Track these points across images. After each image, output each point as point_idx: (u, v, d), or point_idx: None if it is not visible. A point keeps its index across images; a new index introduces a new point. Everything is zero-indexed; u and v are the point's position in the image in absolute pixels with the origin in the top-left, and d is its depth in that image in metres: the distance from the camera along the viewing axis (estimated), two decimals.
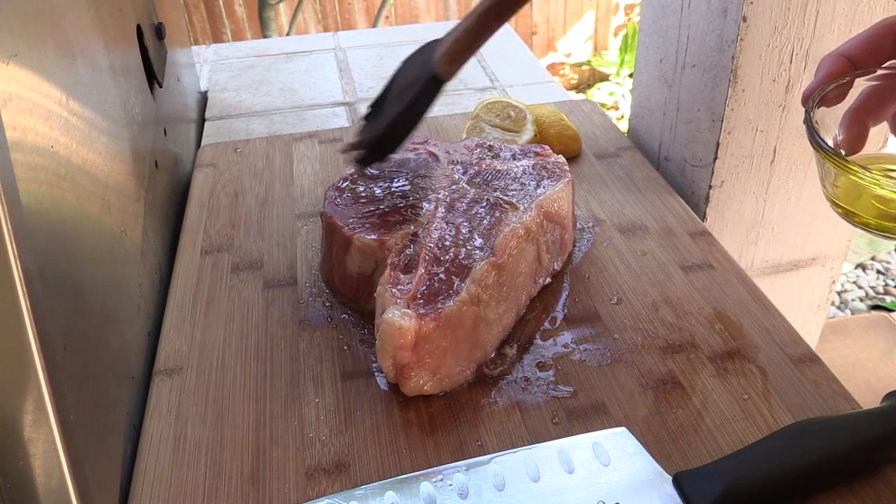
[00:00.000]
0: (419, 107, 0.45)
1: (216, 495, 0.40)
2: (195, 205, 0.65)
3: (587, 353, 0.48)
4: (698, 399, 0.44)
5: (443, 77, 0.43)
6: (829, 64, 0.38)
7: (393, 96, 0.48)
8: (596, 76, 2.85)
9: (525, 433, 0.43)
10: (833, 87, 0.37)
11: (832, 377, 0.45)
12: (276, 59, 1.01)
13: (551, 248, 0.53)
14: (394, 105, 0.47)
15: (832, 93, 0.38)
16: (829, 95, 0.38)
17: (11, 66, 0.33)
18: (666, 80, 0.68)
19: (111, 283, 0.45)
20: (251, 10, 2.46)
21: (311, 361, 0.48)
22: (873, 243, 1.90)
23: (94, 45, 0.47)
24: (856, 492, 0.38)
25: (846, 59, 0.38)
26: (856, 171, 0.34)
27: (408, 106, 0.45)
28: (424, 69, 0.44)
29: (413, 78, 0.46)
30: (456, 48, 0.42)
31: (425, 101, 0.45)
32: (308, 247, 0.59)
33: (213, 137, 0.82)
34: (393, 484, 0.39)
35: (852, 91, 0.38)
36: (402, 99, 0.46)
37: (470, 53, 0.43)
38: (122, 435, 0.42)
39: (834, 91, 0.38)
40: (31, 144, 0.34)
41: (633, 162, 0.69)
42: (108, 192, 0.46)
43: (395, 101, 0.47)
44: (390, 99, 0.48)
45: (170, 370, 0.48)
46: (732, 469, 0.37)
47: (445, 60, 0.43)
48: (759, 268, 0.71)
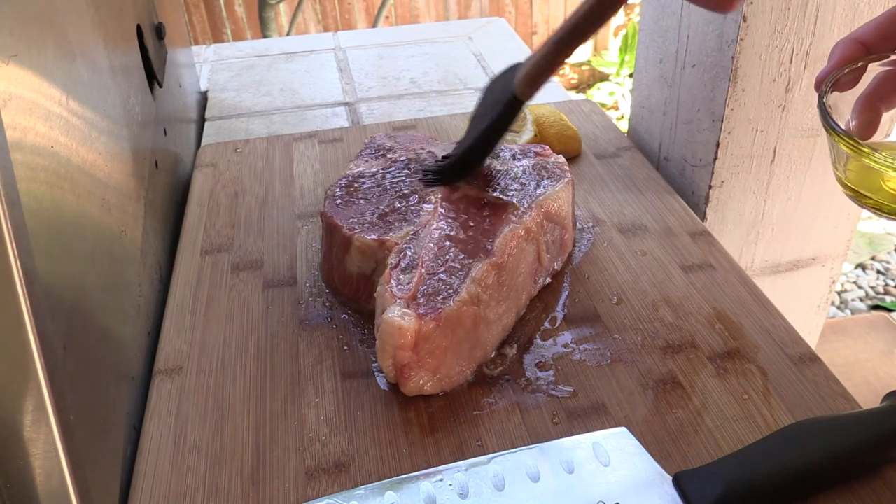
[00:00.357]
0: (501, 125, 0.50)
1: (216, 495, 0.40)
2: (195, 205, 0.65)
3: (587, 353, 0.48)
4: (698, 399, 0.44)
5: (522, 98, 0.48)
6: (843, 48, 0.38)
7: (478, 116, 0.53)
8: (596, 76, 2.85)
9: (525, 433, 0.43)
10: (847, 71, 0.37)
11: (832, 377, 0.45)
12: (276, 59, 1.01)
13: (551, 248, 0.53)
14: (479, 124, 0.52)
15: (845, 77, 0.38)
16: (842, 80, 0.38)
17: (11, 66, 0.33)
18: (666, 80, 0.68)
19: (111, 283, 0.45)
20: (251, 10, 2.46)
21: (311, 361, 0.48)
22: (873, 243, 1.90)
23: (94, 45, 0.47)
24: (856, 492, 0.38)
25: (860, 44, 0.38)
26: (869, 153, 0.34)
27: (491, 125, 0.50)
28: (505, 91, 0.49)
29: (495, 100, 0.51)
30: (534, 72, 0.47)
31: (506, 121, 0.50)
32: (308, 247, 0.59)
33: (213, 137, 0.82)
34: (393, 484, 0.39)
35: (865, 76, 0.38)
36: (485, 119, 0.51)
37: (546, 77, 0.47)
38: (122, 435, 0.42)
39: (847, 76, 0.38)
40: (31, 144, 0.34)
41: (633, 162, 0.69)
42: (108, 192, 0.46)
43: (479, 120, 0.52)
44: (476, 118, 0.53)
45: (170, 370, 0.48)
46: (732, 469, 0.37)
47: (525, 83, 0.48)
48: (759, 268, 0.71)
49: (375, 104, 0.88)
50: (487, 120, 0.51)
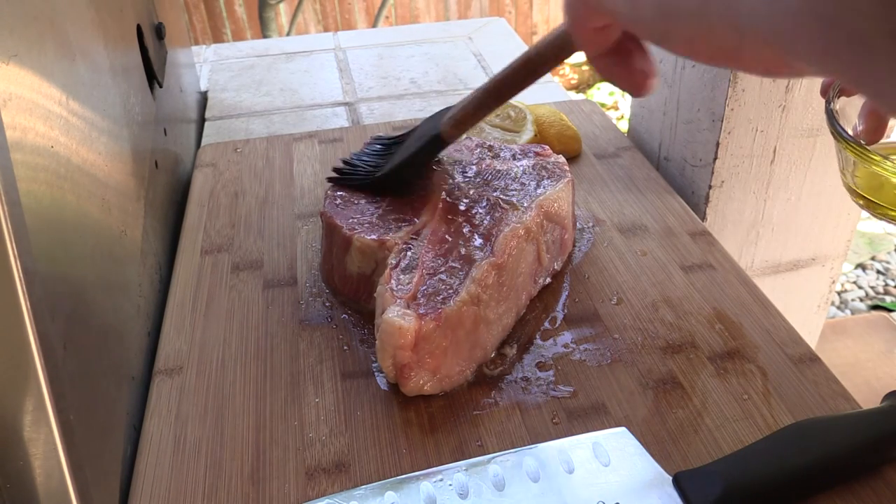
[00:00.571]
0: (420, 157, 0.53)
1: (216, 495, 0.40)
2: (195, 205, 0.65)
3: (587, 353, 0.48)
4: (698, 399, 0.44)
5: (445, 138, 0.51)
6: None
7: (405, 144, 0.55)
8: (596, 76, 2.85)
9: (525, 433, 0.43)
10: None
11: (832, 377, 0.45)
12: (276, 59, 1.01)
13: (551, 248, 0.53)
14: (402, 152, 0.54)
15: None
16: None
17: (11, 66, 0.33)
18: (666, 80, 0.68)
19: (111, 283, 0.45)
20: (251, 10, 2.46)
21: (311, 361, 0.48)
22: (873, 243, 1.90)
23: (94, 45, 0.47)
24: (856, 492, 0.38)
25: None
26: (877, 160, 0.34)
27: (412, 155, 0.53)
28: (434, 128, 0.51)
29: (422, 134, 0.53)
30: (460, 116, 0.49)
31: (427, 155, 0.53)
32: (308, 247, 0.59)
33: (213, 137, 0.82)
34: (393, 484, 0.39)
35: None
36: (409, 148, 0.54)
37: (472, 123, 0.49)
38: (122, 435, 0.42)
39: None
40: (31, 144, 0.34)
41: (633, 162, 0.69)
42: (108, 192, 0.46)
43: (404, 149, 0.54)
44: (403, 145, 0.55)
45: (170, 370, 0.48)
46: (732, 469, 0.37)
47: (450, 125, 0.50)
48: (759, 268, 0.71)
49: (375, 104, 0.88)
50: (410, 150, 0.53)
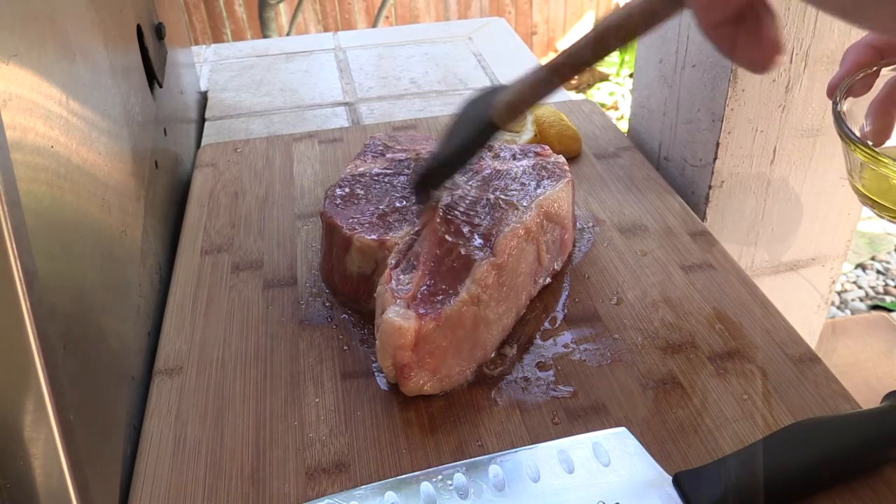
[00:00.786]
0: (473, 147, 0.47)
1: (216, 495, 0.40)
2: (195, 205, 0.65)
3: (587, 353, 0.48)
4: (698, 399, 0.44)
5: (499, 126, 0.45)
6: (855, 53, 0.37)
7: (453, 132, 0.50)
8: (596, 76, 2.85)
9: (525, 433, 0.43)
10: (860, 76, 0.37)
11: (832, 377, 0.45)
12: (276, 59, 1.01)
13: (551, 248, 0.53)
14: (452, 140, 0.49)
15: (859, 83, 0.37)
16: (855, 85, 0.37)
17: (11, 66, 0.33)
18: (666, 80, 0.68)
19: (111, 283, 0.45)
20: (251, 10, 2.46)
21: (311, 361, 0.48)
22: (873, 243, 1.90)
23: (94, 45, 0.47)
24: (856, 492, 0.38)
25: (872, 49, 0.37)
26: (885, 162, 0.34)
27: (462, 145, 0.47)
28: (483, 114, 0.45)
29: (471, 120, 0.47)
30: (517, 101, 0.43)
31: (479, 144, 0.47)
32: (308, 247, 0.59)
33: (213, 137, 0.82)
34: (393, 484, 0.39)
35: (878, 81, 0.38)
36: (458, 138, 0.48)
37: (528, 107, 0.43)
38: (122, 435, 0.42)
39: (860, 81, 0.37)
40: (31, 144, 0.34)
41: (633, 162, 0.69)
42: (108, 192, 0.46)
43: (453, 137, 0.49)
44: (450, 134, 0.50)
45: (170, 370, 0.48)
46: (732, 469, 0.37)
47: (505, 111, 0.43)
48: (759, 268, 0.71)
49: (375, 104, 0.88)
50: (460, 140, 0.48)
